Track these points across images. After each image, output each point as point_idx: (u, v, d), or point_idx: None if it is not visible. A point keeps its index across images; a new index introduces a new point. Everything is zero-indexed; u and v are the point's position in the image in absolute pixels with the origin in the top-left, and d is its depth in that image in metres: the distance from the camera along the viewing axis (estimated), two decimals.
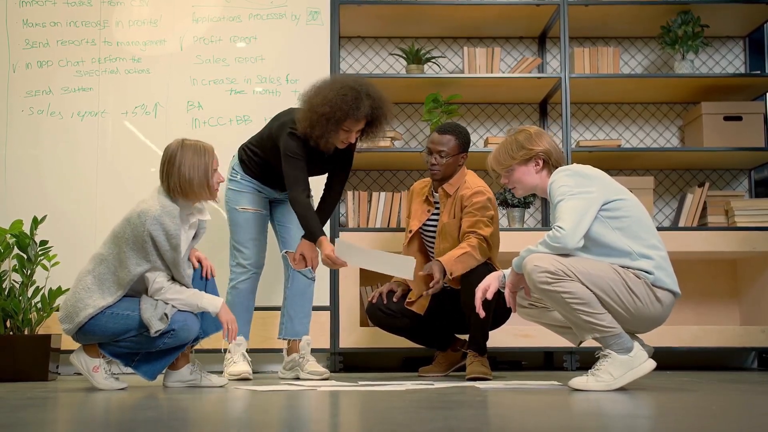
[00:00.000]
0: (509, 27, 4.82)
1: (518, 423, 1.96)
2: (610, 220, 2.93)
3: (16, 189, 4.37)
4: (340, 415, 2.24)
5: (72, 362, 3.15)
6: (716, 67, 4.96)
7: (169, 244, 3.01)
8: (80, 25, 4.48)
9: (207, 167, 3.10)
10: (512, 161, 3.11)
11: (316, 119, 3.49)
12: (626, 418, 2.05)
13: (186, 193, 3.08)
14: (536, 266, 2.83)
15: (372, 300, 3.85)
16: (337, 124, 3.50)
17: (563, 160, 3.15)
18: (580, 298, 2.80)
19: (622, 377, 2.83)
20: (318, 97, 3.51)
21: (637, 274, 2.89)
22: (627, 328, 2.97)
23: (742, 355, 4.77)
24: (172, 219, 3.02)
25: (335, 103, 3.47)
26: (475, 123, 4.93)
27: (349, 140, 3.58)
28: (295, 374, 3.73)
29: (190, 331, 3.09)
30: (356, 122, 3.54)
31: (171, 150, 3.12)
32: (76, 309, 3.04)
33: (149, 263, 3.03)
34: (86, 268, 3.11)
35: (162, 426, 1.89)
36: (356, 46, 4.95)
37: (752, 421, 1.97)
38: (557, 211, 2.90)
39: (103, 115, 4.44)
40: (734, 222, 4.44)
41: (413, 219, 3.85)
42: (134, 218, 3.04)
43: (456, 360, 3.90)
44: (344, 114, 3.48)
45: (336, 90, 3.51)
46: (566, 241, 2.83)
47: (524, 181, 3.13)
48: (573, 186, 2.93)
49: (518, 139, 3.12)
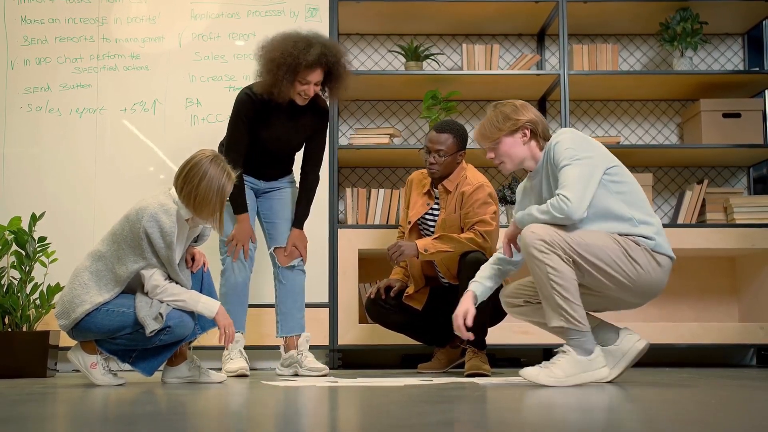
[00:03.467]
0: (508, 24, 4.82)
1: (518, 418, 1.96)
2: (612, 184, 2.93)
3: (15, 186, 4.36)
4: (338, 409, 2.24)
5: (70, 359, 3.14)
6: (715, 64, 4.96)
7: (163, 241, 2.99)
8: (79, 21, 4.47)
9: (224, 193, 3.04)
10: (499, 133, 3.05)
11: (268, 66, 3.51)
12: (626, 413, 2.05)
13: (197, 208, 3.02)
14: (533, 232, 2.82)
15: (370, 296, 3.86)
16: (289, 72, 3.49)
17: (550, 132, 3.10)
18: (562, 279, 2.79)
19: (574, 377, 2.81)
20: (270, 45, 3.55)
21: (636, 240, 2.89)
22: (630, 300, 2.97)
23: (741, 352, 4.77)
24: (168, 216, 3.00)
25: (285, 49, 3.48)
26: (474, 120, 4.92)
27: (308, 93, 3.57)
28: (293, 371, 3.73)
29: (186, 327, 3.09)
30: (310, 70, 3.51)
31: (198, 158, 3.05)
32: (72, 305, 3.03)
33: (145, 260, 3.02)
34: (83, 265, 3.10)
35: (161, 420, 1.89)
36: (355, 43, 4.95)
37: (751, 416, 1.97)
38: (562, 175, 2.86)
39: (102, 112, 4.43)
40: (733, 219, 4.44)
41: (411, 210, 3.84)
42: (132, 215, 3.03)
43: (455, 356, 3.90)
44: (295, 59, 3.47)
45: (288, 37, 3.54)
46: (572, 213, 2.81)
47: (512, 153, 3.06)
48: (578, 150, 2.90)
49: (503, 111, 3.08)
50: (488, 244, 3.61)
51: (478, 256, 3.51)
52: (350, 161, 4.71)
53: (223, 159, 3.12)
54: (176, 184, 3.06)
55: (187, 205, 3.03)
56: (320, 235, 4.34)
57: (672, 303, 4.65)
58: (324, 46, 3.54)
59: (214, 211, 3.03)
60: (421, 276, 3.83)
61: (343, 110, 4.89)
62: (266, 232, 3.88)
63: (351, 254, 4.31)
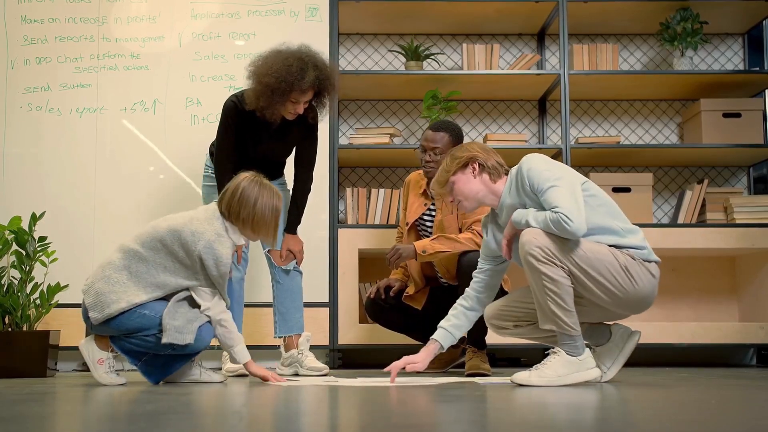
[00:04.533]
0: (508, 24, 4.82)
1: (518, 417, 1.96)
2: (590, 198, 2.93)
3: (15, 185, 4.36)
4: (338, 409, 2.24)
5: (80, 349, 3.15)
6: (715, 64, 4.96)
7: (217, 270, 3.05)
8: (79, 21, 4.47)
9: (278, 211, 3.17)
10: (448, 174, 3.06)
11: (261, 90, 3.46)
12: (626, 412, 2.05)
13: (255, 229, 3.13)
14: (534, 239, 2.82)
15: (370, 295, 3.86)
16: (282, 96, 3.46)
17: (501, 163, 3.07)
18: (557, 287, 2.81)
19: (567, 376, 2.84)
20: (264, 67, 3.48)
21: (632, 254, 2.90)
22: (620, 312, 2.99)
23: (741, 352, 4.77)
24: (224, 248, 3.07)
25: (280, 74, 3.42)
26: (474, 120, 4.92)
27: (297, 111, 3.53)
28: (293, 370, 3.73)
29: (203, 342, 3.10)
30: (302, 93, 3.49)
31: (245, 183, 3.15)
32: (108, 300, 3.03)
33: (197, 280, 3.08)
34: (118, 262, 3.09)
35: (161, 419, 1.89)
36: (355, 42, 4.95)
37: (751, 415, 1.97)
38: (551, 197, 2.85)
39: (102, 111, 4.44)
40: (733, 219, 4.44)
41: (409, 211, 3.85)
42: (187, 235, 3.06)
43: (455, 356, 3.90)
44: (289, 85, 3.43)
45: (282, 60, 3.46)
46: (577, 231, 2.80)
47: (466, 190, 3.04)
48: (554, 171, 2.91)
49: (450, 154, 3.10)
50: None
51: (477, 256, 3.51)
52: (350, 161, 4.71)
53: (267, 180, 3.21)
54: (228, 209, 3.12)
55: (244, 227, 3.13)
56: (320, 234, 4.34)
57: (672, 303, 4.65)
58: (317, 69, 3.49)
59: (270, 228, 3.16)
60: (421, 277, 3.83)
61: (343, 110, 4.89)
62: None
63: (351, 254, 4.31)
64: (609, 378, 3.03)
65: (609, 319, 3.13)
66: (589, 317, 3.06)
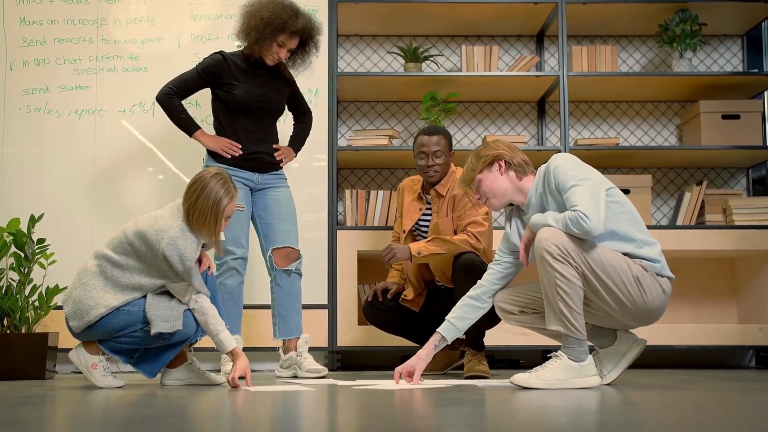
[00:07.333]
0: (507, 25, 4.82)
1: (519, 420, 1.95)
2: (614, 205, 2.93)
3: (14, 187, 4.36)
4: (337, 412, 2.24)
5: (71, 359, 3.14)
6: (714, 66, 4.96)
7: (183, 266, 3.01)
8: (78, 23, 4.47)
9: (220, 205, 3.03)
10: (474, 172, 3.07)
11: (255, 24, 3.68)
12: (626, 414, 2.05)
13: (198, 224, 3.04)
14: (551, 236, 2.81)
15: (368, 298, 3.86)
16: (273, 32, 3.67)
17: (527, 161, 3.08)
18: (568, 287, 2.80)
19: (566, 381, 2.82)
20: (259, 3, 3.72)
21: (645, 266, 2.89)
22: (627, 323, 2.98)
23: (740, 354, 4.77)
24: (188, 242, 3.02)
25: (276, 11, 3.67)
26: (473, 121, 4.92)
27: (280, 56, 3.75)
28: (292, 372, 3.72)
29: (189, 328, 3.09)
30: (291, 36, 3.71)
31: (204, 173, 3.09)
32: (86, 306, 3.03)
33: (169, 279, 3.06)
34: (94, 269, 3.09)
35: (160, 423, 1.88)
36: (354, 44, 4.95)
37: (750, 418, 1.97)
38: (572, 195, 2.85)
39: (101, 113, 4.43)
40: (732, 220, 4.44)
41: (405, 217, 3.85)
42: (151, 235, 3.03)
43: (454, 358, 3.90)
44: (283, 22, 3.67)
45: (278, 2, 3.71)
46: (592, 230, 2.78)
47: (494, 188, 3.06)
48: (579, 169, 2.91)
49: (475, 152, 3.11)
50: (481, 245, 3.62)
51: (472, 258, 3.52)
52: (349, 162, 4.71)
53: (229, 177, 3.11)
54: (186, 202, 3.07)
55: (188, 222, 3.04)
56: (319, 236, 4.34)
57: (671, 304, 4.64)
58: (309, 21, 3.76)
59: (211, 222, 3.03)
60: (419, 280, 3.83)
61: (342, 111, 4.89)
62: (262, 233, 3.85)
63: (350, 256, 4.31)
64: (608, 382, 3.02)
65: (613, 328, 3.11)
66: (594, 322, 3.06)
